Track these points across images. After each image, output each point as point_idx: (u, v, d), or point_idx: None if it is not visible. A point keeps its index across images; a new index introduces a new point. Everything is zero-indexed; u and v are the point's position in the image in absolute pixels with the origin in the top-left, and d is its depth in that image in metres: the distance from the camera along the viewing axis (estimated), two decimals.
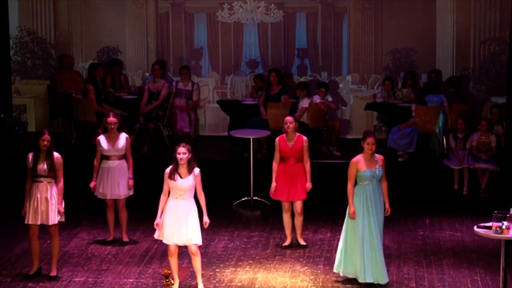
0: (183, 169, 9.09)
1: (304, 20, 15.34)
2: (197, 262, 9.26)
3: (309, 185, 10.59)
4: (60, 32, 15.57)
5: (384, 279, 9.45)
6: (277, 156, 10.67)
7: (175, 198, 9.11)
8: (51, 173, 9.55)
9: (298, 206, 10.67)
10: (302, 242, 10.87)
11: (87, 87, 14.18)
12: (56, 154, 9.60)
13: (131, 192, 10.86)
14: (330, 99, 14.19)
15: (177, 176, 9.08)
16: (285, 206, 10.75)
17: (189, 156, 9.10)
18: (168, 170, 9.14)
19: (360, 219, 9.42)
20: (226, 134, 14.24)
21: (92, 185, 10.76)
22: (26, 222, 9.62)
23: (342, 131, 14.56)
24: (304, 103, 13.92)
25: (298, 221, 10.77)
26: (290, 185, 10.60)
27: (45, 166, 9.52)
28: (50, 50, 15.59)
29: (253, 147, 12.71)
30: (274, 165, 10.68)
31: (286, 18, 15.23)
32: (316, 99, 13.97)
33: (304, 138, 10.64)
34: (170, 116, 14.52)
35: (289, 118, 10.66)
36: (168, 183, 9.12)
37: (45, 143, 9.50)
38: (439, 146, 13.83)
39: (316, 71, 15.40)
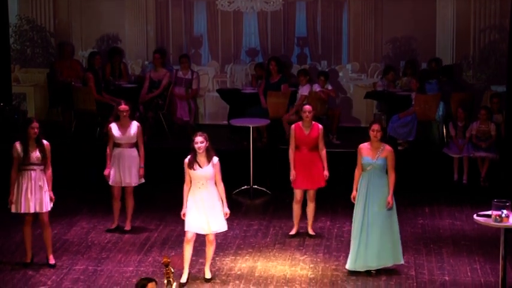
0: (201, 158, 9.07)
1: (304, 9, 15.30)
2: (211, 250, 9.33)
3: (326, 173, 10.54)
4: (59, 20, 15.55)
5: (386, 262, 9.48)
6: (292, 143, 10.61)
7: (198, 188, 9.10)
8: (44, 161, 9.56)
9: (312, 192, 10.65)
10: (312, 232, 10.80)
11: (86, 76, 14.18)
12: (45, 141, 9.62)
13: (142, 180, 10.88)
14: (329, 87, 14.19)
15: (196, 166, 9.06)
16: (297, 196, 10.66)
17: (207, 145, 9.08)
18: (187, 159, 9.11)
19: (359, 205, 9.47)
20: (226, 122, 14.23)
21: (106, 172, 10.75)
22: (16, 211, 9.59)
23: (342, 119, 14.55)
24: (304, 90, 13.91)
25: (310, 208, 10.71)
26: (308, 173, 10.56)
27: (38, 154, 9.53)
28: (49, 38, 15.57)
29: (253, 136, 12.70)
30: (291, 153, 10.60)
31: (285, 6, 15.19)
32: (316, 87, 13.97)
33: (320, 126, 10.60)
34: (170, 104, 14.51)
35: (308, 107, 10.60)
36: (188, 173, 9.11)
37: (35, 130, 9.50)
38: (438, 135, 13.83)
39: (316, 60, 15.37)
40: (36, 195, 9.56)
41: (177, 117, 14.54)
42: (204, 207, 9.10)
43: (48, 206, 9.64)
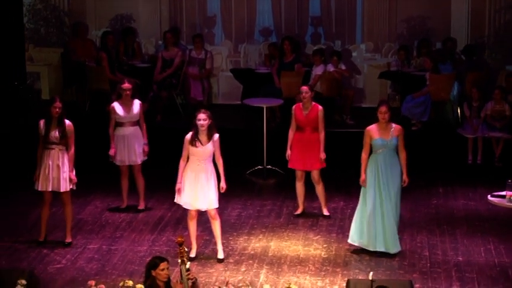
0: (203, 135, 9.13)
1: None
2: (216, 226, 9.34)
3: (322, 155, 10.55)
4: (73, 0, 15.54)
5: (394, 249, 9.47)
6: (293, 124, 10.65)
7: (196, 164, 9.16)
8: (63, 141, 9.61)
9: (315, 174, 10.66)
10: (326, 213, 10.81)
11: (100, 56, 14.19)
12: (67, 122, 9.66)
13: (145, 157, 10.91)
14: (343, 67, 14.14)
15: (198, 143, 9.11)
16: (298, 174, 10.74)
17: (209, 123, 9.12)
18: (188, 136, 9.17)
19: (371, 188, 9.45)
20: (239, 102, 14.22)
21: (111, 152, 10.79)
22: (36, 188, 9.71)
23: (356, 99, 14.51)
24: (318, 70, 13.88)
25: (318, 190, 10.75)
26: (305, 154, 10.57)
27: (57, 133, 9.58)
28: (63, 18, 15.56)
29: (266, 115, 12.69)
30: (290, 133, 10.67)
31: None
32: (330, 67, 13.93)
33: (320, 107, 10.59)
34: (184, 84, 14.51)
35: (304, 88, 10.61)
36: (188, 149, 9.15)
37: (57, 110, 9.55)
38: (453, 115, 13.78)
39: (329, 39, 15.31)
40: (54, 174, 9.62)
41: (190, 97, 14.53)
42: (201, 184, 9.15)
43: (65, 185, 9.67)
